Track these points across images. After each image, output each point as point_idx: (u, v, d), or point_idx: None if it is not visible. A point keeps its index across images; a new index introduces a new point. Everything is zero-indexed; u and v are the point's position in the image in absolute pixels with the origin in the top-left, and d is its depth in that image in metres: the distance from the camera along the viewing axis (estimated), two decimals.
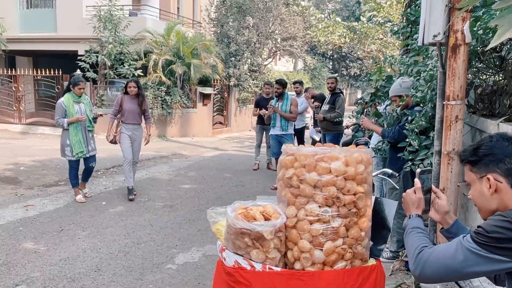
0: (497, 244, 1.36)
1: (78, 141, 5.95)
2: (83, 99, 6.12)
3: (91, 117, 6.17)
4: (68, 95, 6.01)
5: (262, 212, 1.89)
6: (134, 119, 6.44)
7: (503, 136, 1.55)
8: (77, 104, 6.03)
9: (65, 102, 5.94)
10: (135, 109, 6.40)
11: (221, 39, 17.56)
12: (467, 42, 2.95)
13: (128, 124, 6.43)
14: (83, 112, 6.06)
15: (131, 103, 6.39)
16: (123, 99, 6.43)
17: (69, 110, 5.93)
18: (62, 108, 5.93)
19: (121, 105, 6.40)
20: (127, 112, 6.38)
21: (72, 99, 5.98)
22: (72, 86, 6.02)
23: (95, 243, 4.68)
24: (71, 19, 15.92)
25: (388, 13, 13.31)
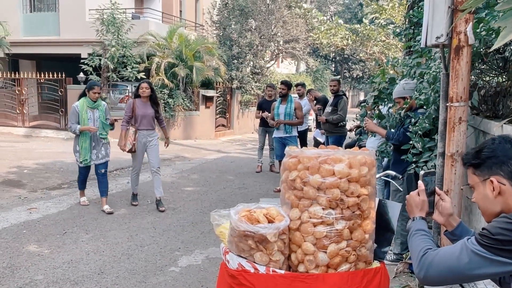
0: (502, 246, 1.35)
1: (85, 148, 5.78)
2: (98, 104, 5.85)
3: (106, 124, 5.93)
4: (83, 100, 5.78)
5: (266, 214, 1.88)
6: (148, 124, 6.05)
7: (506, 138, 1.54)
8: (91, 110, 5.77)
9: (78, 106, 5.73)
10: (149, 114, 6.03)
11: (224, 41, 17.59)
12: (470, 44, 2.94)
13: (142, 131, 6.02)
14: (96, 118, 5.80)
15: (144, 107, 6.02)
16: (135, 103, 6.02)
17: (81, 116, 5.70)
18: (75, 112, 5.73)
19: (134, 110, 5.99)
20: (140, 117, 5.97)
21: (87, 104, 5.75)
22: (87, 90, 5.80)
23: (98, 246, 4.69)
24: (74, 23, 16.00)
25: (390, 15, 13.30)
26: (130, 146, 5.95)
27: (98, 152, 5.86)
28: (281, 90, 7.64)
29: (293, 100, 7.60)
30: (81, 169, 5.98)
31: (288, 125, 7.40)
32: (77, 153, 5.87)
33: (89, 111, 5.76)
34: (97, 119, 5.82)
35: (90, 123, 5.73)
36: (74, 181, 7.70)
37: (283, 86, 7.64)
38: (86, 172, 6.03)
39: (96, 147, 5.84)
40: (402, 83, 4.26)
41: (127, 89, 14.87)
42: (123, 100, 14.87)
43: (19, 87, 15.07)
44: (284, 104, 7.49)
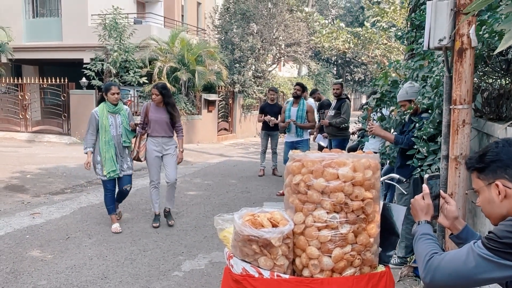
0: (509, 250, 1.34)
1: (110, 158, 5.10)
2: (119, 108, 5.23)
3: (129, 131, 5.31)
4: (103, 105, 5.15)
5: (270, 218, 1.88)
6: (162, 131, 5.42)
7: (509, 141, 1.53)
8: (112, 115, 5.16)
9: (98, 112, 5.11)
10: (163, 119, 5.41)
11: (226, 45, 17.64)
12: (473, 46, 2.93)
13: (155, 138, 5.41)
14: (119, 124, 5.19)
15: (158, 112, 5.42)
16: (149, 107, 5.47)
17: (102, 123, 5.08)
18: (94, 119, 5.11)
19: (147, 114, 5.44)
20: (153, 122, 5.40)
21: (107, 109, 5.12)
22: (104, 93, 5.18)
23: (101, 250, 4.68)
24: (76, 28, 16.09)
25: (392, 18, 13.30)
26: (135, 153, 5.42)
27: (123, 162, 5.26)
28: (296, 91, 7.54)
29: (305, 102, 7.54)
30: (107, 184, 5.23)
31: (300, 128, 7.33)
32: (99, 164, 5.16)
33: (110, 117, 5.15)
34: (119, 125, 5.20)
35: (112, 130, 5.13)
36: (77, 186, 7.73)
37: (299, 87, 7.53)
38: (114, 186, 5.30)
39: (121, 157, 5.24)
40: (406, 86, 4.24)
41: (130, 94, 14.91)
42: (126, 104, 14.91)
43: (21, 92, 15.12)
44: (295, 106, 7.41)
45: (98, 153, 5.14)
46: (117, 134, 5.17)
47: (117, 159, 5.17)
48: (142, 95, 14.41)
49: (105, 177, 5.13)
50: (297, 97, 7.47)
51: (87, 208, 6.28)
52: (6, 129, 15.25)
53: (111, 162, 5.11)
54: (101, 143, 5.10)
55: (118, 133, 5.18)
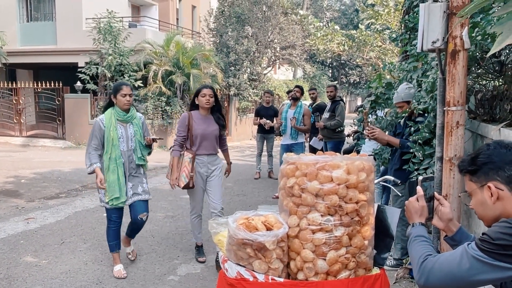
0: (503, 251, 1.34)
1: (114, 181, 3.93)
2: (132, 116, 4.04)
3: (143, 146, 4.13)
4: (111, 112, 3.98)
5: (264, 222, 1.87)
6: (210, 147, 4.34)
7: (501, 143, 1.54)
8: (123, 124, 3.99)
9: (104, 121, 3.95)
10: (212, 132, 4.31)
11: (221, 49, 17.65)
12: (466, 48, 2.95)
13: (201, 156, 4.32)
14: (130, 137, 4.01)
15: (205, 123, 4.30)
16: (191, 118, 4.29)
17: (109, 134, 3.91)
18: (99, 129, 3.94)
19: (190, 128, 4.28)
20: (199, 138, 4.26)
21: (116, 117, 3.96)
22: (113, 95, 3.99)
23: (96, 255, 4.65)
24: (71, 32, 16.05)
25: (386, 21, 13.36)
26: (186, 180, 4.21)
27: (135, 186, 4.09)
28: (295, 93, 7.61)
29: (303, 106, 7.60)
30: (111, 214, 4.06)
31: (296, 130, 7.38)
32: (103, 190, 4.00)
33: (120, 127, 3.97)
34: (131, 138, 4.02)
35: (122, 144, 3.97)
36: (72, 191, 7.69)
37: (298, 89, 7.63)
38: (118, 217, 4.10)
39: (132, 178, 4.08)
40: (402, 88, 4.24)
41: None
42: None
43: (16, 97, 15.06)
44: (293, 109, 7.50)
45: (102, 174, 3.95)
46: (128, 149, 3.99)
47: (126, 182, 4.02)
48: (138, 98, 14.38)
49: (108, 204, 4.00)
50: (296, 99, 7.52)
51: (82, 213, 6.25)
52: (0, 134, 15.17)
53: (116, 187, 3.94)
54: (106, 160, 3.95)
55: (129, 148, 4.01)
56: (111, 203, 3.98)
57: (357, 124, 5.99)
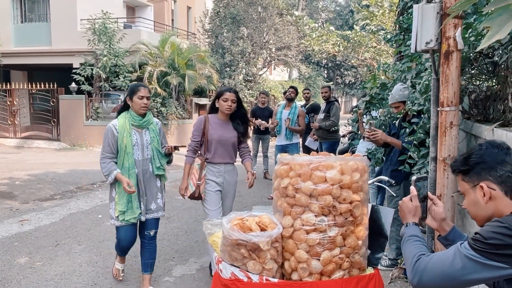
0: (495, 251, 1.35)
1: (126, 195, 3.49)
2: (148, 121, 3.63)
3: (161, 155, 3.69)
4: (125, 116, 3.57)
5: (258, 222, 1.87)
6: (227, 156, 3.92)
7: (492, 143, 1.55)
8: (138, 130, 3.58)
9: (117, 127, 3.52)
10: (229, 139, 3.89)
11: (216, 49, 17.65)
12: (459, 49, 2.96)
13: (217, 165, 3.90)
14: (146, 144, 3.59)
15: (222, 128, 3.89)
16: (207, 121, 3.89)
17: (122, 142, 3.49)
18: (112, 136, 3.52)
19: (205, 133, 3.88)
20: (215, 144, 3.85)
21: (131, 121, 3.55)
22: (129, 97, 3.56)
23: (91, 257, 4.63)
24: (65, 33, 16.00)
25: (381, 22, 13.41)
26: (193, 188, 3.84)
27: (149, 200, 3.64)
28: (290, 93, 7.61)
29: (297, 107, 7.60)
30: (120, 233, 3.62)
31: (290, 131, 7.39)
32: (113, 202, 3.59)
33: (135, 133, 3.56)
34: (148, 145, 3.60)
35: (136, 152, 3.54)
36: (66, 192, 7.66)
37: (293, 90, 7.64)
38: (129, 235, 3.64)
39: (147, 192, 3.63)
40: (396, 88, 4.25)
41: (120, 98, 14.84)
42: (116, 109, 14.84)
43: (10, 98, 14.98)
44: (287, 109, 7.50)
45: (114, 187, 3.56)
46: (143, 158, 3.57)
47: (139, 195, 3.57)
48: None
49: (118, 221, 3.54)
50: (290, 100, 7.53)
51: (76, 214, 6.22)
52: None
53: (127, 201, 3.51)
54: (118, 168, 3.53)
55: (145, 157, 3.59)
56: (121, 218, 3.49)
57: (351, 125, 6.00)
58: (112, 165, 3.50)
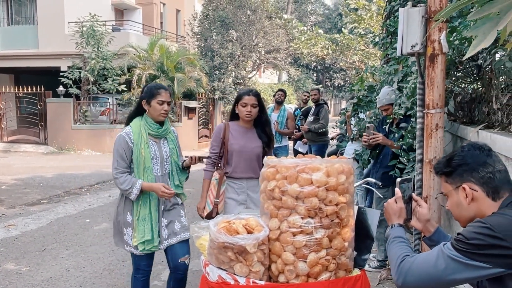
0: (477, 251, 1.37)
1: (145, 218, 2.96)
2: (167, 130, 3.09)
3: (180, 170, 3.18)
4: (139, 122, 2.99)
5: (245, 225, 1.87)
6: (250, 170, 3.30)
7: (474, 145, 1.57)
8: (155, 140, 3.02)
9: (132, 136, 2.94)
10: (253, 150, 3.31)
11: (205, 52, 17.64)
12: (444, 52, 3.00)
13: (238, 180, 3.34)
14: (166, 157, 3.05)
15: (245, 138, 3.33)
16: (227, 130, 3.35)
17: (139, 153, 2.92)
18: (126, 147, 2.92)
19: (225, 142, 3.34)
20: (236, 155, 3.31)
21: (147, 129, 2.97)
22: (146, 100, 2.98)
23: (79, 261, 4.59)
24: (53, 36, 15.88)
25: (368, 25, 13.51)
26: (210, 207, 3.30)
27: (171, 223, 3.08)
28: (279, 96, 7.57)
29: (286, 109, 7.58)
30: (138, 261, 3.07)
31: (279, 134, 7.36)
32: (129, 228, 2.99)
33: (153, 144, 3.00)
34: (167, 158, 3.06)
35: (155, 167, 2.99)
36: (53, 196, 7.58)
37: (282, 93, 7.59)
38: (148, 265, 3.12)
39: (167, 213, 3.08)
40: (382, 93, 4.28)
41: (108, 102, 14.76)
42: (104, 112, 14.76)
43: None
44: (276, 112, 7.46)
45: (129, 208, 2.99)
46: (162, 174, 3.03)
47: (159, 218, 3.01)
48: (121, 102, 14.27)
49: (138, 250, 2.97)
50: (279, 103, 7.52)
51: (64, 219, 6.16)
52: None
53: (147, 225, 2.95)
54: None
55: (164, 172, 3.05)
56: (141, 248, 2.93)
57: (339, 127, 6.04)
58: (132, 177, 2.91)
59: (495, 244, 1.34)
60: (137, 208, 2.95)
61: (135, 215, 2.95)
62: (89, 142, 13.97)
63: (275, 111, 7.54)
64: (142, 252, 2.96)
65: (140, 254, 2.98)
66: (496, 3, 1.43)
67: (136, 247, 2.94)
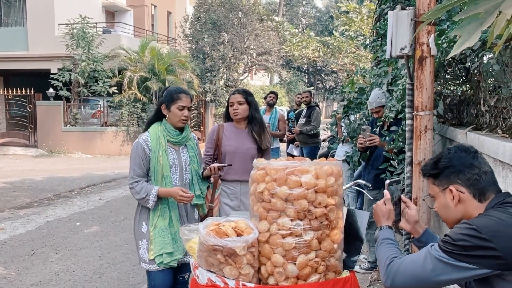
0: (464, 252, 1.38)
1: (165, 229, 2.77)
2: (187, 137, 2.93)
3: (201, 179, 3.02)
4: (157, 128, 2.85)
5: (234, 227, 1.87)
6: (244, 172, 3.02)
7: (461, 147, 1.59)
8: (175, 148, 2.87)
9: (150, 143, 2.79)
10: (247, 151, 3.23)
11: (197, 55, 17.62)
12: (432, 55, 3.03)
13: (230, 184, 3.25)
14: (185, 165, 2.90)
15: (240, 139, 3.28)
16: (220, 131, 3.34)
17: (157, 161, 2.77)
18: (143, 154, 2.78)
19: (218, 143, 3.30)
20: (229, 157, 3.23)
21: (166, 136, 2.83)
22: (166, 104, 2.84)
23: (68, 265, 4.55)
24: (43, 37, 15.78)
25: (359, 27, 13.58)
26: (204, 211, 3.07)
27: None
28: (272, 99, 7.57)
29: (278, 112, 7.59)
30: (155, 278, 2.80)
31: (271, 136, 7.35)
32: (144, 240, 2.82)
33: (171, 151, 2.85)
34: (187, 166, 2.91)
35: (174, 176, 2.84)
36: (43, 200, 7.51)
37: (274, 95, 7.60)
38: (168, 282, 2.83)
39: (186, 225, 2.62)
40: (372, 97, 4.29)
41: (99, 104, 14.67)
42: (95, 115, 14.67)
43: None
44: (268, 114, 7.47)
45: (145, 219, 2.83)
46: (182, 183, 2.87)
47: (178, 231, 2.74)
48: (112, 105, 14.19)
49: (153, 266, 2.75)
50: (271, 105, 7.53)
51: (54, 222, 6.11)
52: None
53: (167, 237, 2.75)
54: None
55: (184, 181, 2.89)
56: (159, 261, 2.71)
57: (330, 129, 6.07)
58: (148, 184, 2.75)
59: (481, 245, 1.36)
60: (153, 218, 2.78)
61: (151, 225, 2.77)
62: (80, 144, 13.88)
63: (266, 113, 7.55)
64: (159, 266, 2.72)
65: (156, 269, 2.74)
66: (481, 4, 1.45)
67: (153, 260, 2.72)
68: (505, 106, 2.63)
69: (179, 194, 2.68)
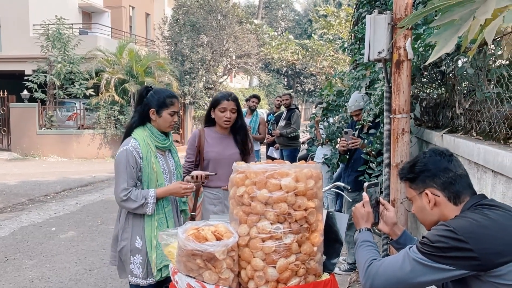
0: (441, 253, 1.40)
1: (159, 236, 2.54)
2: (171, 141, 2.84)
3: None
4: (143, 133, 2.67)
5: (214, 232, 1.85)
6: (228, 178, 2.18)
7: (435, 151, 1.62)
8: (162, 153, 2.76)
9: (140, 148, 2.61)
10: (230, 157, 3.08)
11: (175, 57, 17.50)
12: (409, 58, 3.08)
13: (214, 190, 3.18)
14: (172, 170, 2.79)
15: (222, 145, 3.21)
16: (202, 136, 3.22)
17: (151, 169, 2.62)
18: (134, 162, 2.58)
19: (200, 150, 3.21)
20: (212, 164, 3.17)
21: (154, 141, 2.68)
22: (155, 110, 2.67)
23: (43, 272, 4.44)
24: (17, 38, 15.44)
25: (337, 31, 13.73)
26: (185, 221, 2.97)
27: None
28: (254, 104, 7.52)
29: (259, 114, 7.57)
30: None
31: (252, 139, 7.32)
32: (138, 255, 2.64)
33: (160, 157, 2.73)
34: (173, 172, 2.81)
35: (166, 183, 2.71)
36: (17, 205, 7.32)
37: (256, 99, 7.55)
38: None
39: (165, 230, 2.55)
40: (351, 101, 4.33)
41: (75, 107, 14.42)
42: (71, 118, 14.40)
43: None
44: (249, 117, 7.44)
45: (140, 231, 2.63)
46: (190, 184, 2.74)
47: None
48: (89, 107, 13.96)
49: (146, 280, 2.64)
50: (253, 110, 7.52)
51: (28, 228, 5.96)
52: None
53: None
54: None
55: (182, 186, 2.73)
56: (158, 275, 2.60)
57: (309, 131, 6.10)
58: (141, 191, 2.57)
59: (458, 247, 1.38)
60: (150, 231, 2.59)
61: (148, 239, 2.59)
62: (55, 148, 13.60)
63: (247, 116, 7.54)
64: (154, 279, 2.61)
65: (148, 284, 2.62)
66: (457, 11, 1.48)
67: (150, 275, 2.60)
68: (479, 109, 2.68)
69: (182, 188, 2.60)
